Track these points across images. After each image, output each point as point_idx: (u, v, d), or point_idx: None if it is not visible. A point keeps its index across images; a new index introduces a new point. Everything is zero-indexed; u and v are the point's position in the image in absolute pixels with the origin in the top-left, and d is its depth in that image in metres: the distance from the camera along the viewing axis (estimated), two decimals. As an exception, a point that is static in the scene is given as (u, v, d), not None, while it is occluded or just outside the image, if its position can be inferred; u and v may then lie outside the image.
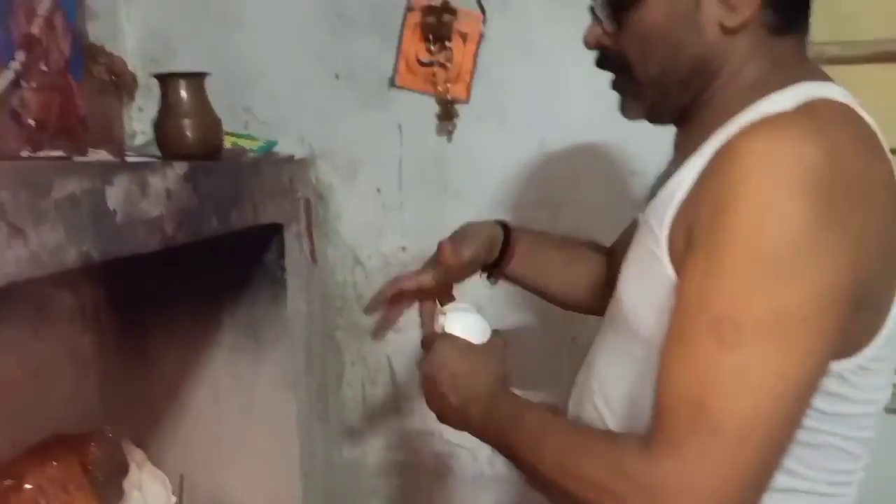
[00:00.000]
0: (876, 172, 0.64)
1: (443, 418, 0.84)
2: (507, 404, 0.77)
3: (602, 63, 0.79)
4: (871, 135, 0.66)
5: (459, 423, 0.81)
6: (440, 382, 0.82)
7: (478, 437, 0.79)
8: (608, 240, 1.05)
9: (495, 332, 0.89)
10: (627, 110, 0.79)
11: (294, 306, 1.33)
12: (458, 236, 1.01)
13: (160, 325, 1.34)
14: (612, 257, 1.00)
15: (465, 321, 0.88)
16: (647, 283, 0.70)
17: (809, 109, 0.64)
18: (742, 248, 0.59)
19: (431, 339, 0.87)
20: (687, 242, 0.65)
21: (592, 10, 0.77)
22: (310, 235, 1.41)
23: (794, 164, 0.59)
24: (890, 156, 0.67)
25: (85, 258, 0.73)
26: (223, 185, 1.06)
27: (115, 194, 0.79)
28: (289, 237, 1.31)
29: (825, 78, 0.71)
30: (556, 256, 1.04)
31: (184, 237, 0.93)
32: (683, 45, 0.71)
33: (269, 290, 1.32)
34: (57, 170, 0.71)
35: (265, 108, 1.44)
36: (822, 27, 0.75)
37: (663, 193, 0.72)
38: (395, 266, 1.44)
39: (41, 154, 0.94)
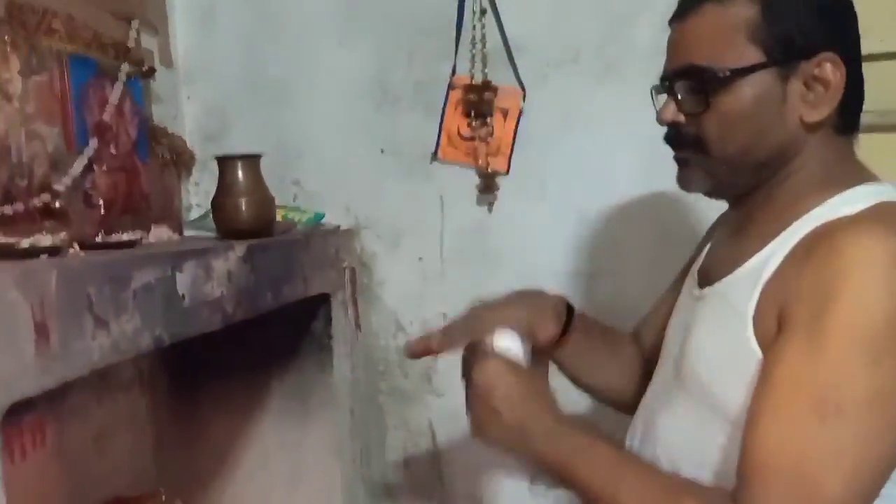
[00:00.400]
0: None
1: (488, 434, 0.83)
2: (574, 432, 0.78)
3: (673, 139, 0.82)
4: None
5: (512, 441, 0.81)
6: (493, 398, 0.81)
7: (533, 458, 0.79)
8: (644, 308, 1.08)
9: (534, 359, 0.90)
10: (690, 183, 0.83)
11: (340, 372, 1.38)
12: (531, 305, 0.98)
13: (212, 392, 1.40)
14: (640, 340, 1.04)
15: (513, 341, 0.88)
16: (730, 358, 0.74)
17: (886, 211, 0.72)
18: (846, 334, 0.66)
19: (477, 352, 0.86)
20: (779, 324, 0.70)
21: (667, 87, 0.81)
22: (354, 303, 1.46)
23: (892, 262, 0.66)
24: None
25: (157, 342, 0.79)
26: (277, 261, 1.12)
27: (184, 280, 0.85)
28: (335, 305, 1.37)
29: (876, 177, 0.79)
30: (602, 350, 1.05)
31: (242, 314, 0.99)
32: (766, 132, 0.77)
33: (317, 356, 1.37)
34: (135, 261, 0.77)
35: (313, 180, 1.51)
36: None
37: (741, 272, 0.77)
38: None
39: (114, 238, 1.01)
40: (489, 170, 1.41)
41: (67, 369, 0.65)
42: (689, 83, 0.78)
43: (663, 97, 0.83)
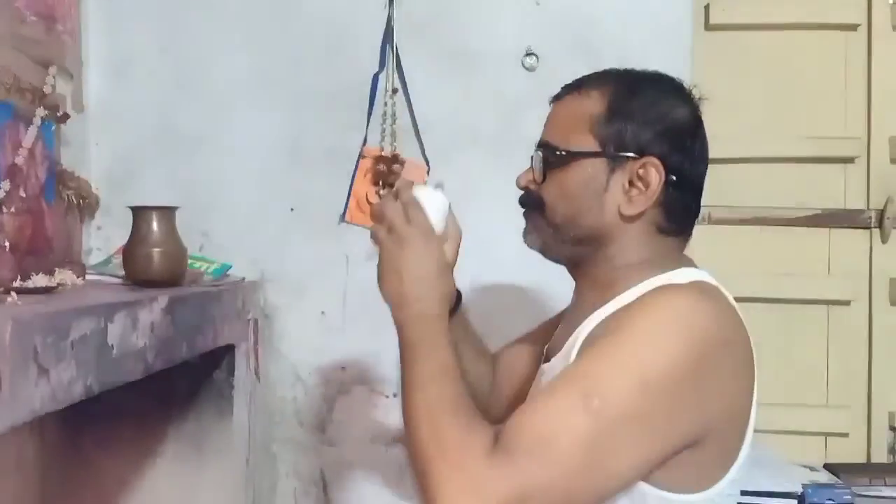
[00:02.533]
0: (739, 339, 0.82)
1: (382, 289, 0.87)
2: (438, 328, 0.82)
3: (523, 199, 0.94)
4: (734, 309, 0.85)
5: (393, 301, 0.85)
6: (400, 256, 0.85)
7: (396, 324, 0.84)
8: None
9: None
10: (527, 237, 0.94)
11: (239, 420, 1.42)
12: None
13: (103, 436, 1.39)
14: (495, 363, 1.14)
15: (433, 194, 0.90)
16: None
17: (698, 285, 0.83)
18: (629, 355, 0.74)
19: (394, 205, 0.88)
20: (586, 345, 0.80)
21: (532, 159, 0.93)
22: (256, 353, 1.51)
23: (689, 318, 0.76)
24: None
25: (87, 391, 0.83)
26: (193, 313, 1.17)
27: (114, 330, 0.90)
28: (238, 355, 1.42)
29: (694, 264, 0.90)
30: (470, 349, 1.10)
31: (160, 364, 1.03)
32: (584, 212, 0.88)
33: (216, 403, 1.40)
34: (75, 311, 0.81)
35: (221, 232, 1.56)
36: (709, 193, 0.94)
37: (567, 344, 0.87)
38: (333, 383, 1.56)
39: (30, 284, 1.02)
40: (393, 234, 1.52)
41: (14, 416, 0.69)
42: (541, 155, 0.91)
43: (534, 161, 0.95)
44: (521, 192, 0.95)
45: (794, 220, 1.61)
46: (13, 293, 0.85)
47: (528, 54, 1.53)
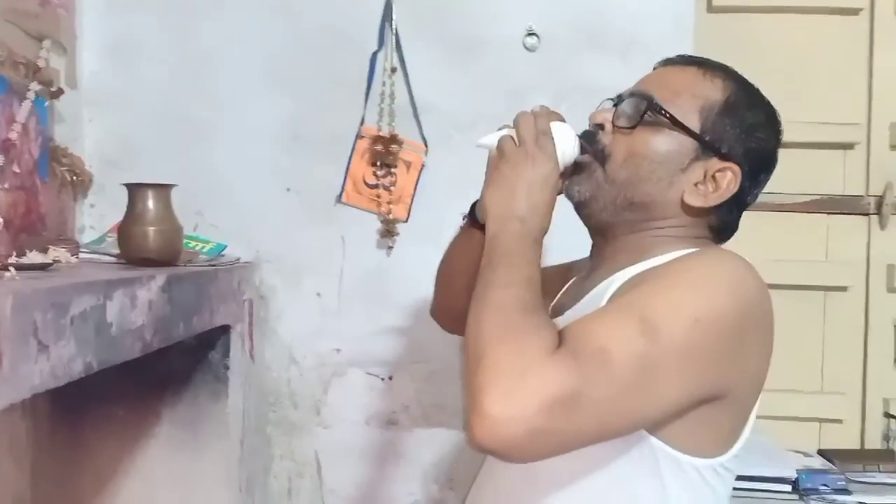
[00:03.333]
0: (771, 313, 0.82)
1: (489, 188, 0.85)
2: (533, 249, 0.80)
3: (589, 135, 0.90)
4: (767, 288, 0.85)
5: (495, 212, 0.83)
6: (521, 173, 0.83)
7: (489, 233, 0.82)
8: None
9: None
10: (573, 187, 0.90)
11: (234, 402, 1.40)
12: None
13: (97, 418, 1.37)
14: None
15: (568, 133, 0.87)
16: None
17: (741, 257, 0.82)
18: (683, 294, 0.75)
19: (531, 123, 0.86)
20: (627, 289, 0.79)
21: (619, 99, 0.90)
22: (251, 335, 1.50)
23: (739, 276, 0.77)
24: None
25: (87, 368, 0.81)
26: (190, 292, 1.15)
27: (113, 308, 0.88)
28: (234, 336, 1.40)
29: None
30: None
31: (158, 343, 1.01)
32: (653, 181, 0.86)
33: (211, 386, 1.39)
34: (75, 288, 0.79)
35: (216, 212, 1.54)
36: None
37: (587, 298, 0.86)
38: (328, 366, 1.55)
39: (25, 261, 1.00)
40: (390, 216, 1.51)
41: (14, 393, 0.67)
42: (635, 104, 0.86)
43: (606, 105, 0.92)
44: (587, 131, 0.90)
45: (793, 206, 1.61)
46: (11, 268, 0.83)
47: (528, 34, 1.51)
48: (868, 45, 1.60)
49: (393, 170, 1.51)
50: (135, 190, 1.25)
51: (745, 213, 0.86)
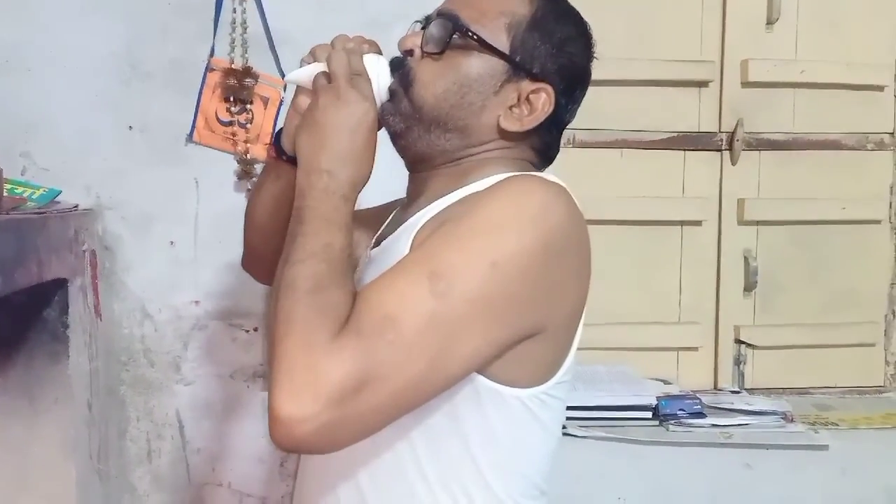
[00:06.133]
0: (585, 242, 0.81)
1: (300, 130, 0.79)
2: (340, 209, 0.75)
3: (396, 62, 0.84)
4: (582, 215, 0.81)
5: (304, 159, 0.77)
6: (330, 114, 0.77)
7: (298, 188, 0.76)
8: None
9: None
10: (387, 117, 0.84)
11: (76, 363, 1.28)
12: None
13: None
14: None
15: (383, 68, 0.82)
16: None
17: (554, 183, 0.80)
18: (478, 238, 0.72)
19: (343, 59, 0.80)
20: (432, 230, 0.76)
21: (427, 22, 0.84)
22: (95, 289, 1.37)
23: (543, 208, 0.74)
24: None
25: None
26: (9, 242, 1.02)
27: None
28: (72, 291, 1.27)
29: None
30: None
31: (-34, 299, 0.89)
32: (465, 105, 0.82)
33: (49, 347, 1.25)
34: None
35: (47, 155, 1.38)
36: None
37: (405, 225, 0.82)
38: (186, 319, 1.45)
39: None
40: (248, 156, 1.41)
41: None
42: (443, 27, 0.81)
43: (416, 29, 0.86)
44: (395, 58, 0.84)
45: (652, 143, 1.65)
46: None
47: (392, -41, 1.43)
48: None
49: (249, 106, 1.40)
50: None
51: (608, 152, 0.86)
